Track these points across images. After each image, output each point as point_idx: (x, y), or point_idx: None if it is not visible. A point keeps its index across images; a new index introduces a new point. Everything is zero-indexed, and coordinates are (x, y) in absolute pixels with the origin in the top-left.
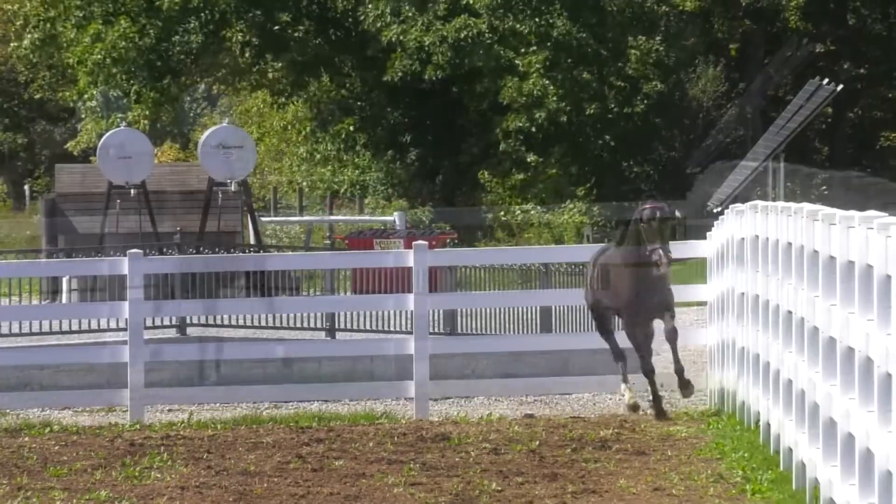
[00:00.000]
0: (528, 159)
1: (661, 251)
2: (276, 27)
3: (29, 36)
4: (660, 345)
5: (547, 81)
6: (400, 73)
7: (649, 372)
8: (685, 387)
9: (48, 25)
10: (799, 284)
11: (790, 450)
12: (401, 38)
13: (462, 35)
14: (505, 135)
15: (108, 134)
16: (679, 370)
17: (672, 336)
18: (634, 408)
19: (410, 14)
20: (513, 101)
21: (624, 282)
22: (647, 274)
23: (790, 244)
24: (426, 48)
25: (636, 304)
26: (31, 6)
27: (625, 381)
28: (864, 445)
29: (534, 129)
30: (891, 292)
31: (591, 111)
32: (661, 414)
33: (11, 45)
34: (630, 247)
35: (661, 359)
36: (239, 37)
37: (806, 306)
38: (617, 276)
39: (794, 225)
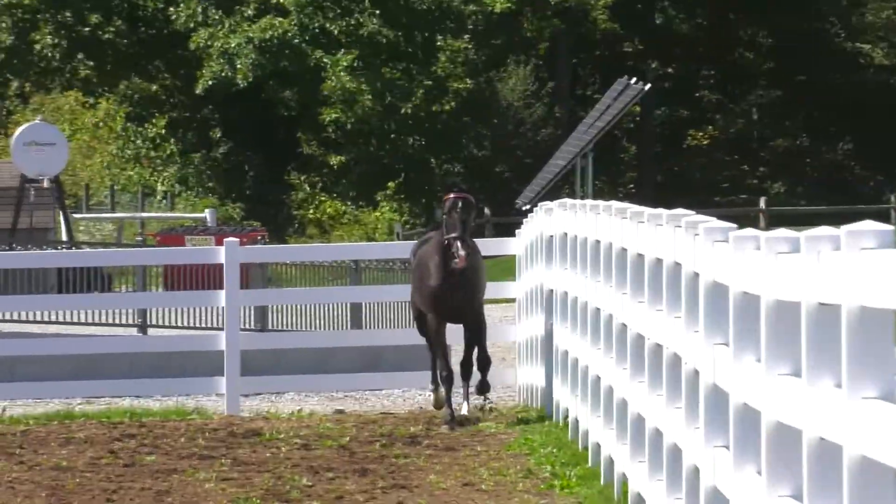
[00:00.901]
0: (335, 159)
1: (458, 243)
2: (87, 28)
3: None
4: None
5: (354, 81)
6: (210, 83)
7: (445, 379)
8: (483, 388)
9: None
10: (607, 282)
11: (598, 445)
12: (208, 43)
13: (268, 36)
14: (314, 133)
15: None
16: (483, 366)
17: (483, 357)
18: (438, 406)
19: (217, 17)
20: (324, 99)
21: (429, 276)
22: (452, 271)
23: (599, 242)
24: (231, 51)
25: (439, 300)
26: None
27: (434, 381)
28: (672, 441)
29: (341, 129)
30: (699, 290)
31: (402, 110)
32: (456, 420)
33: None
34: (437, 239)
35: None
36: (48, 39)
37: (614, 303)
38: (423, 269)
39: (602, 222)
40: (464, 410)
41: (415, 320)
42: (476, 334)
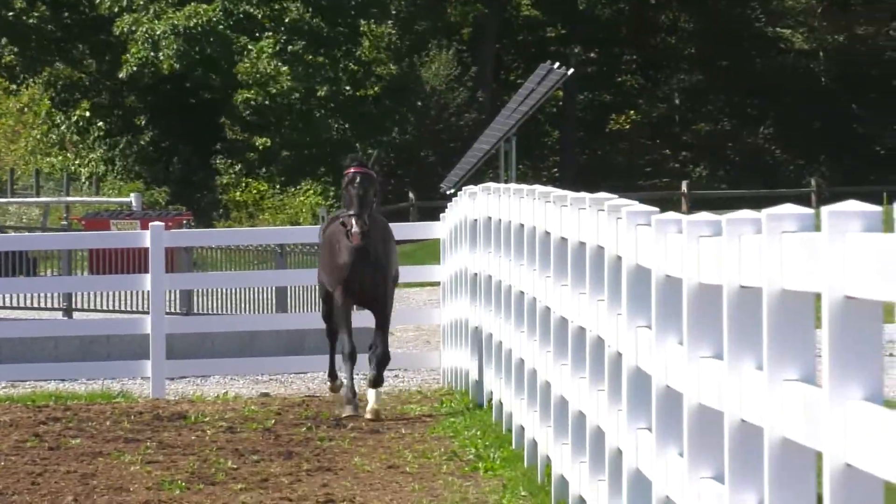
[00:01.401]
0: (258, 142)
1: (353, 220)
2: (11, 13)
3: None
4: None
5: (279, 63)
6: (135, 68)
7: (349, 356)
8: (376, 382)
9: None
10: (531, 265)
11: (522, 428)
12: (132, 28)
13: (192, 23)
14: (236, 118)
15: None
16: (380, 361)
17: (383, 351)
18: (335, 391)
19: (142, 2)
20: (242, 81)
21: (337, 253)
22: (360, 249)
23: (522, 226)
24: (156, 38)
25: (348, 277)
26: None
27: (331, 374)
28: (595, 423)
29: (262, 111)
30: (622, 273)
31: (323, 93)
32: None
33: None
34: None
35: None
36: None
37: (538, 287)
38: (331, 246)
39: (526, 206)
40: (370, 399)
41: (322, 303)
42: (382, 320)
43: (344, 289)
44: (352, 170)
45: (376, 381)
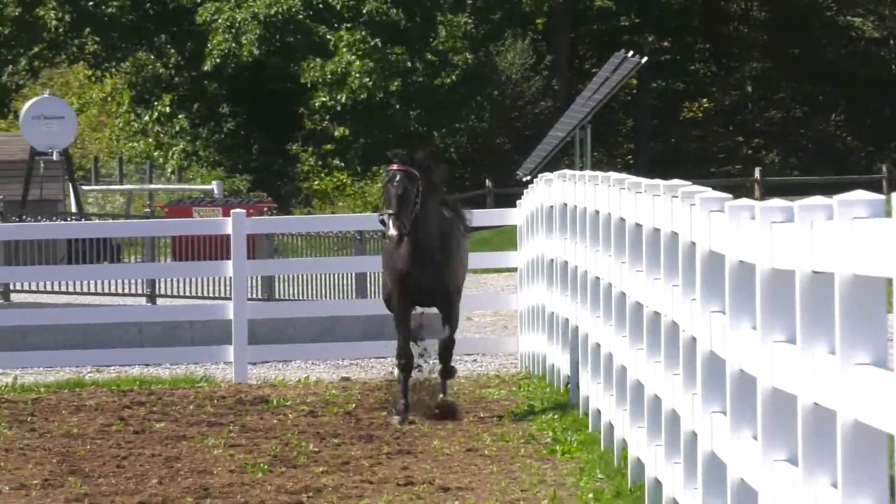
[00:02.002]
0: (336, 132)
1: (392, 220)
2: (91, 3)
3: None
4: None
5: (353, 58)
6: (218, 59)
7: (403, 367)
8: (446, 374)
9: None
10: (606, 251)
11: (598, 412)
12: (214, 17)
13: (273, 11)
14: (312, 111)
15: None
16: (445, 351)
17: (446, 343)
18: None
19: None
20: (315, 80)
21: (398, 256)
22: (419, 250)
23: (598, 212)
24: (238, 25)
25: (406, 282)
26: None
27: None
28: (670, 407)
29: (339, 107)
30: (696, 259)
31: (397, 85)
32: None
33: None
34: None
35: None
36: (52, 14)
37: (613, 272)
38: (388, 248)
39: (601, 193)
40: (439, 396)
41: (384, 300)
42: (447, 317)
43: (400, 291)
44: (393, 167)
45: (444, 372)
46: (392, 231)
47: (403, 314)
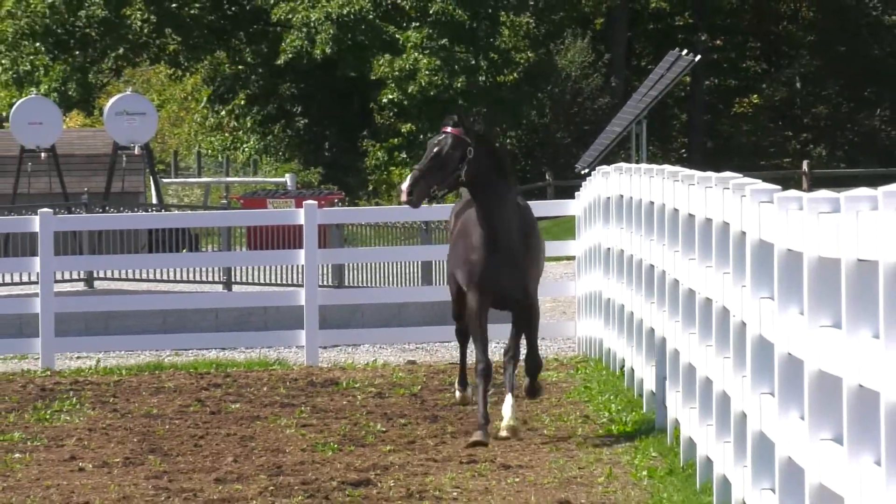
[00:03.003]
0: (403, 128)
1: (410, 175)
2: (174, 4)
3: None
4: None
5: (420, 55)
6: (291, 55)
7: (482, 373)
8: (533, 392)
9: None
10: (661, 240)
11: (652, 393)
12: (289, 16)
13: (345, 11)
14: (381, 107)
15: (19, 102)
16: (532, 369)
17: (531, 357)
18: (464, 403)
19: None
20: (384, 76)
21: (472, 248)
22: (493, 242)
23: (652, 203)
24: (312, 25)
25: (484, 278)
26: None
27: (461, 382)
28: (721, 389)
29: (405, 102)
30: (746, 247)
31: (461, 82)
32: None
33: None
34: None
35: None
36: (138, 14)
37: (667, 260)
38: (466, 238)
39: (656, 185)
40: (506, 414)
41: (452, 303)
42: (526, 323)
43: (479, 289)
44: (447, 129)
45: (533, 391)
46: (404, 184)
47: (481, 314)
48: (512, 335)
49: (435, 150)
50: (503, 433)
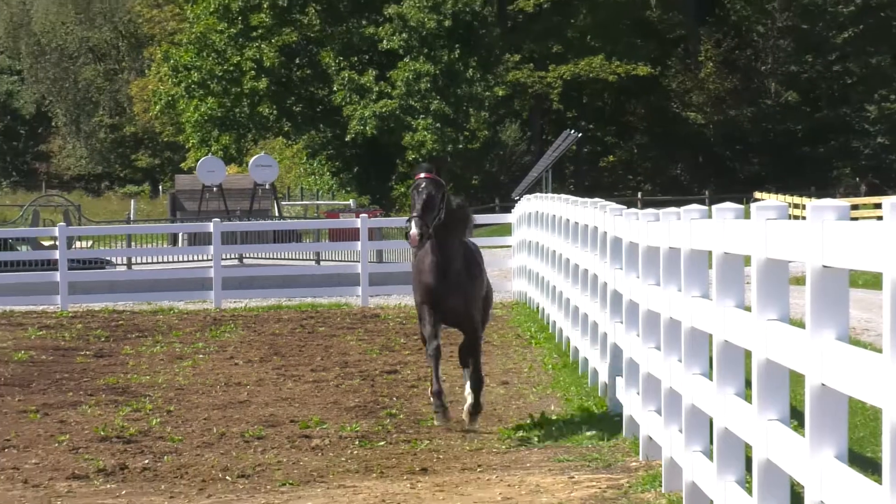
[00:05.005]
0: None
1: (413, 221)
2: (287, 103)
3: (157, 105)
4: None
5: (427, 133)
6: (353, 134)
7: (436, 394)
8: (473, 412)
9: (170, 99)
10: (558, 237)
11: (553, 322)
12: (353, 112)
13: (384, 109)
14: (406, 161)
15: (201, 160)
16: (475, 387)
17: (474, 376)
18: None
19: (357, 98)
20: (407, 145)
21: (425, 272)
22: (446, 263)
23: (554, 216)
24: (364, 118)
25: (434, 299)
26: (163, 88)
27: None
28: (583, 312)
29: (419, 159)
30: (607, 240)
31: (450, 148)
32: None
33: (149, 112)
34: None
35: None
36: (267, 110)
37: (562, 248)
38: (420, 264)
39: (556, 206)
40: (465, 415)
41: (418, 320)
42: (471, 351)
43: (430, 308)
44: (420, 175)
45: (475, 409)
46: (414, 230)
47: (432, 325)
48: (466, 351)
49: (424, 196)
50: (464, 416)
